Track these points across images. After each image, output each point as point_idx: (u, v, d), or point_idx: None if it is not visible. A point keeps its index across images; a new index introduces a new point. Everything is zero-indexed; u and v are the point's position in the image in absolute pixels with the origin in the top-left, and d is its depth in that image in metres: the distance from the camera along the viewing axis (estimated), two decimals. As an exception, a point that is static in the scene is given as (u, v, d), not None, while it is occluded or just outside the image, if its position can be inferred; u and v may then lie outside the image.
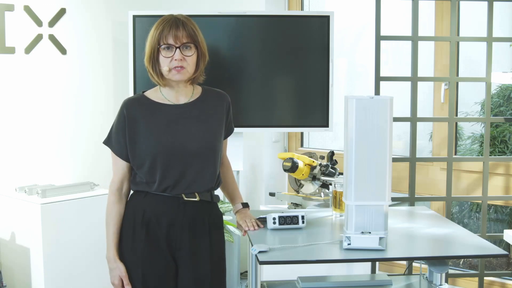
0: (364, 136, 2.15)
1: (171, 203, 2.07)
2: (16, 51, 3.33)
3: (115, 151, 2.12)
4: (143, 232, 2.07)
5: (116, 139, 2.10)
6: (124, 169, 2.12)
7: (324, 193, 3.38)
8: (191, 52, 2.04)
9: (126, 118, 2.07)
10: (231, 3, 3.88)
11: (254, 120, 3.34)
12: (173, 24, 2.01)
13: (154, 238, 2.07)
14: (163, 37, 2.00)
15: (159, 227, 2.07)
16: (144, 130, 2.06)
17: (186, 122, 2.09)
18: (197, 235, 2.10)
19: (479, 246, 2.14)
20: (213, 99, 2.18)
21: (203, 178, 2.10)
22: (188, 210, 2.08)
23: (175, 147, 2.05)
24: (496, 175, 3.47)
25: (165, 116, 2.08)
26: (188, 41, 2.02)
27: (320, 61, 3.33)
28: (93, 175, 3.56)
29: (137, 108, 2.08)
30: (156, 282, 2.09)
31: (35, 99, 3.42)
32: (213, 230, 2.15)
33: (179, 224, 2.07)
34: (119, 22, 3.63)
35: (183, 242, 2.08)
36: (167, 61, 2.01)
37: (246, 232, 2.24)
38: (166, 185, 2.06)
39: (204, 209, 2.12)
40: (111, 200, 2.12)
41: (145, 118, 2.07)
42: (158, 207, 2.07)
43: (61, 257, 3.12)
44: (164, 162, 2.04)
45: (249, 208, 2.35)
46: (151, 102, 2.10)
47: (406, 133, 3.46)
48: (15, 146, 3.37)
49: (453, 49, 3.26)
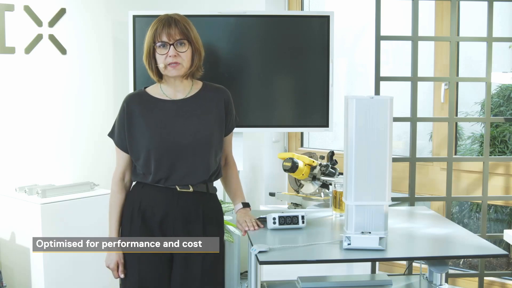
0: (364, 136, 2.15)
1: (166, 194, 2.15)
2: (16, 51, 3.33)
3: (117, 144, 2.24)
4: (139, 221, 2.16)
5: (118, 132, 2.22)
6: (126, 160, 2.23)
7: (324, 193, 3.38)
8: (184, 48, 2.12)
9: (126, 113, 2.18)
10: (231, 3, 3.88)
11: (254, 120, 3.34)
12: (166, 22, 2.10)
13: (149, 227, 2.16)
14: (157, 35, 2.10)
15: (154, 217, 2.16)
16: (141, 124, 2.16)
17: (181, 117, 2.17)
18: (190, 225, 2.16)
19: (479, 246, 2.15)
20: (211, 95, 2.24)
21: (196, 171, 2.16)
22: (181, 201, 2.16)
23: (168, 142, 2.13)
24: (496, 175, 3.47)
25: (161, 111, 2.17)
26: (181, 38, 2.10)
27: (320, 61, 3.32)
28: (93, 175, 3.56)
29: (137, 103, 2.18)
30: (151, 268, 2.17)
31: (35, 99, 3.42)
32: (208, 221, 2.20)
33: (173, 214, 2.15)
34: (119, 22, 3.63)
35: (176, 231, 2.15)
36: (163, 58, 2.11)
37: (246, 232, 2.25)
38: (159, 177, 2.14)
39: (198, 200, 2.18)
40: (114, 190, 2.25)
41: (143, 113, 2.17)
42: (153, 197, 2.16)
43: (61, 257, 3.11)
44: (158, 155, 2.13)
45: (250, 208, 2.36)
46: (150, 97, 2.19)
47: (406, 133, 3.46)
48: (15, 146, 3.37)
49: (453, 49, 3.26)
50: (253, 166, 4.15)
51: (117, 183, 2.24)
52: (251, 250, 2.08)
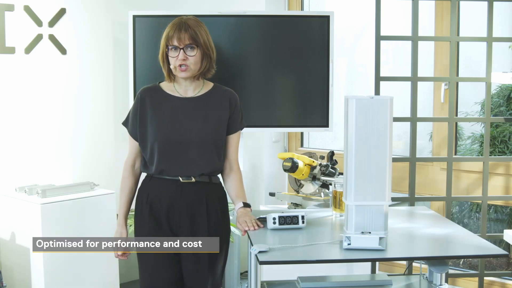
0: (364, 136, 2.15)
1: (170, 185, 2.28)
2: (16, 51, 3.33)
3: (129, 132, 2.36)
4: (147, 212, 2.29)
5: (131, 121, 2.35)
6: (137, 148, 2.36)
7: (324, 193, 3.38)
8: (193, 52, 2.24)
9: (139, 104, 2.32)
10: (231, 3, 3.88)
11: (254, 120, 3.33)
12: (178, 27, 2.23)
13: (157, 217, 2.29)
14: (169, 39, 2.24)
15: (161, 207, 2.28)
16: (151, 117, 2.29)
17: (188, 114, 2.29)
18: (195, 214, 2.27)
19: (479, 246, 2.14)
20: (219, 96, 2.35)
21: (197, 164, 2.27)
22: (185, 191, 2.27)
23: (172, 136, 2.26)
24: (496, 175, 3.47)
25: (170, 107, 2.30)
26: (191, 43, 2.23)
27: (320, 61, 3.32)
28: (93, 175, 3.56)
29: (150, 96, 2.32)
30: (159, 257, 2.27)
31: (35, 99, 3.42)
32: (212, 208, 2.29)
33: (178, 204, 2.27)
34: (119, 22, 3.63)
35: (182, 220, 2.27)
36: (173, 60, 2.24)
37: (246, 231, 2.25)
38: (161, 167, 2.27)
39: (201, 189, 2.29)
40: (124, 175, 2.38)
41: (154, 106, 2.30)
42: (159, 189, 2.29)
43: (61, 257, 3.11)
44: (161, 148, 2.26)
45: (251, 209, 2.36)
46: (163, 92, 2.33)
47: (406, 133, 3.46)
48: (15, 146, 3.37)
49: (453, 49, 3.26)
50: (253, 166, 4.16)
51: (128, 169, 2.37)
52: (251, 250, 2.08)
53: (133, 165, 2.37)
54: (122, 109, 3.52)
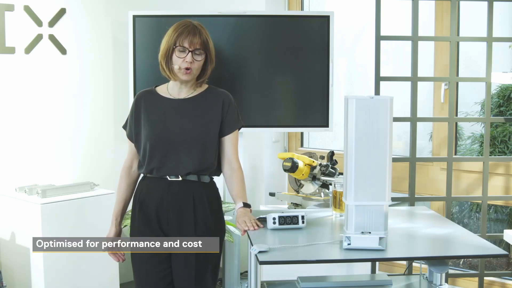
0: (364, 136, 2.15)
1: (159, 184, 2.31)
2: (16, 51, 3.33)
3: (127, 134, 2.42)
4: (138, 210, 2.34)
5: (128, 124, 2.41)
6: (134, 150, 2.41)
7: (324, 193, 3.38)
8: (200, 58, 2.28)
9: (135, 106, 2.38)
10: (231, 3, 3.88)
11: (254, 120, 3.34)
12: (191, 30, 2.26)
13: (146, 215, 2.32)
14: (180, 39, 2.25)
15: (150, 205, 2.32)
16: (144, 119, 2.34)
17: (178, 114, 2.32)
18: (183, 212, 2.30)
19: (479, 246, 2.14)
20: (212, 97, 2.36)
21: (185, 164, 2.29)
22: (172, 190, 2.30)
23: (163, 136, 2.30)
24: (496, 175, 3.47)
25: (163, 108, 2.34)
26: (200, 48, 2.26)
27: (320, 61, 3.32)
28: (93, 175, 3.56)
29: (145, 99, 2.37)
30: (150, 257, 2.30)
31: (35, 99, 3.42)
32: (200, 208, 2.30)
33: (166, 202, 2.30)
34: (119, 22, 3.63)
35: (170, 218, 2.30)
36: (179, 61, 2.25)
37: (245, 231, 2.25)
38: (152, 166, 2.31)
39: (189, 189, 2.31)
40: (121, 175, 2.43)
41: (148, 109, 2.35)
42: (149, 188, 2.34)
43: (61, 257, 3.11)
44: (152, 148, 2.30)
45: (251, 209, 2.36)
46: (157, 95, 2.37)
47: (406, 133, 3.46)
48: (15, 146, 3.37)
49: (453, 49, 3.26)
50: (253, 166, 4.15)
51: (124, 170, 2.43)
52: (251, 250, 2.08)
53: (130, 166, 2.42)
54: (122, 109, 3.52)
